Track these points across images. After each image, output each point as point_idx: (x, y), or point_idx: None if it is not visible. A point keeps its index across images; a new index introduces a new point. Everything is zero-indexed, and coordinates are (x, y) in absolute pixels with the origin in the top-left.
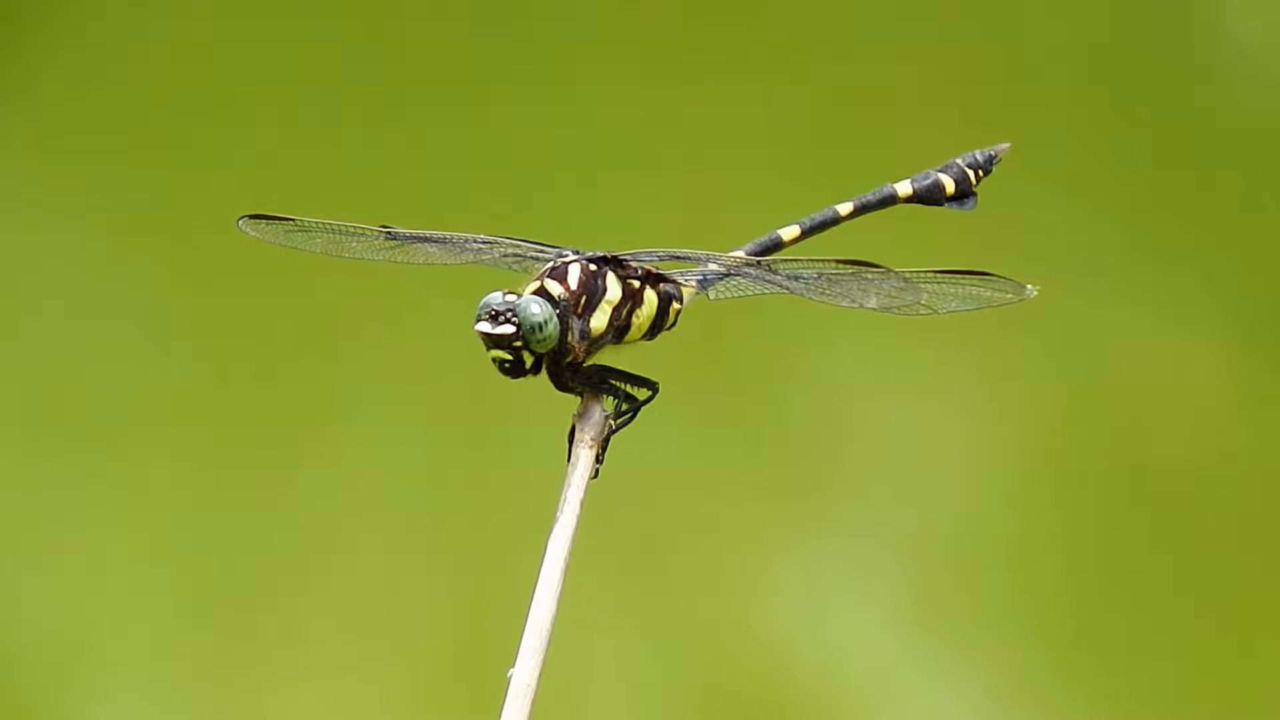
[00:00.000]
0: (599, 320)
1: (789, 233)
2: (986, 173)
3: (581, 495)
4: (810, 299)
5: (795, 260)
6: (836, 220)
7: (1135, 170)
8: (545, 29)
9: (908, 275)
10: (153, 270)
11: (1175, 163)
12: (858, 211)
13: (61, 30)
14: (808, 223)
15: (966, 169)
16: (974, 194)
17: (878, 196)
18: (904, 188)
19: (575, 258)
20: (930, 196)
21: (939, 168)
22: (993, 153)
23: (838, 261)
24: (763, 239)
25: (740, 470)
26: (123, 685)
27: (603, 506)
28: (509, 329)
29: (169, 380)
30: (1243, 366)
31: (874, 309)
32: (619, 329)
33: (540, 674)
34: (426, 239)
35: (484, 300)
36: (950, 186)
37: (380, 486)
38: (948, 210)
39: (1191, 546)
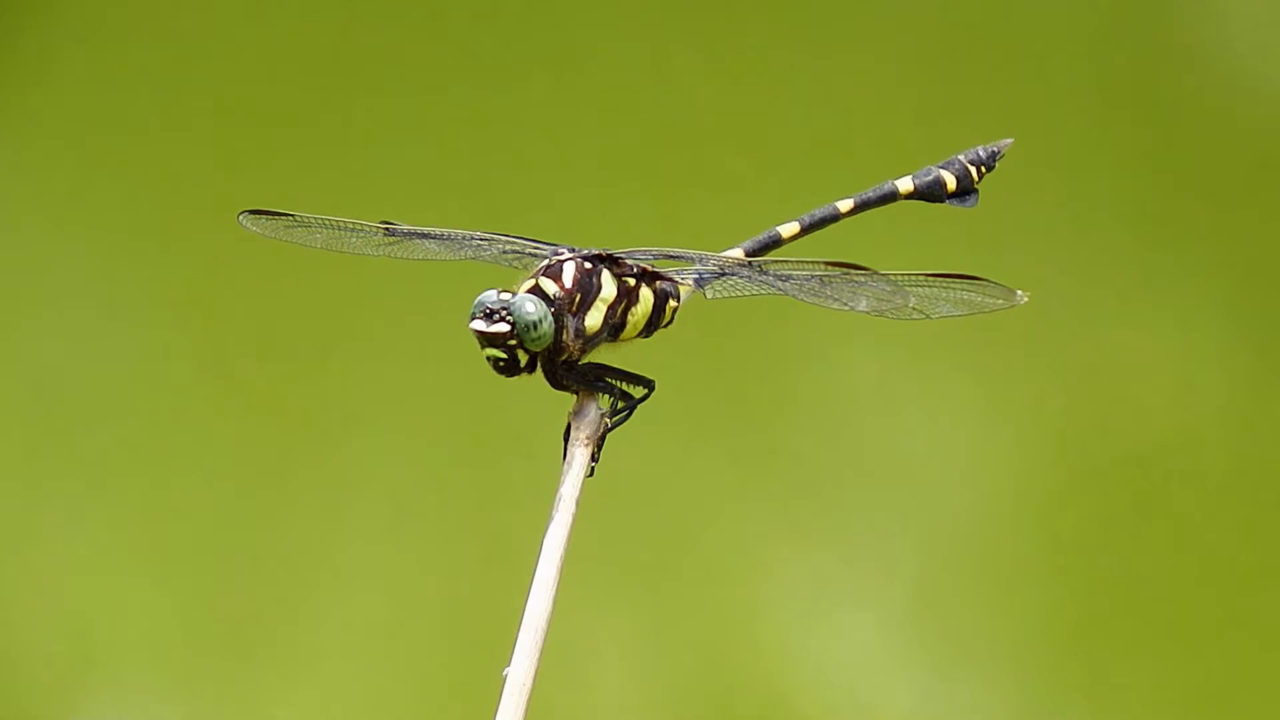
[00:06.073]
0: (594, 318)
1: (788, 229)
2: (989, 169)
3: (577, 494)
4: (802, 300)
5: (785, 261)
6: (836, 217)
7: (1139, 167)
8: (544, 26)
9: (895, 278)
10: (152, 266)
11: (1178, 160)
12: (858, 208)
13: (61, 25)
14: (807, 219)
15: (969, 165)
16: (976, 191)
17: (878, 193)
18: (905, 184)
19: (570, 255)
20: (931, 193)
21: (941, 164)
22: (996, 149)
23: (826, 263)
24: (761, 236)
25: (739, 471)
26: (124, 685)
27: (598, 505)
28: (503, 327)
29: (169, 378)
30: (1248, 366)
31: (864, 312)
32: (614, 327)
33: (536, 673)
34: (425, 235)
35: (478, 298)
36: (952, 183)
37: (377, 485)
38: (949, 207)
39: (1197, 549)
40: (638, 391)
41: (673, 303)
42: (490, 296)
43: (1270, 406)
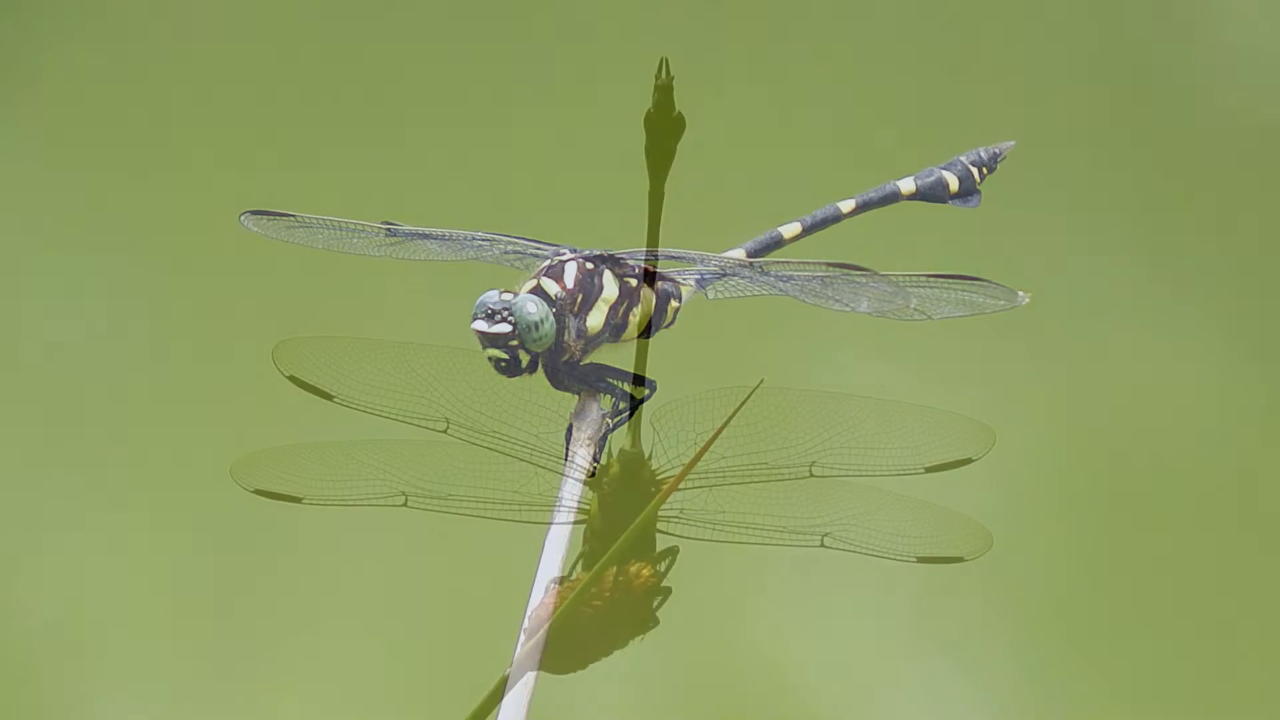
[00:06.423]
0: (595, 319)
1: (790, 230)
2: (991, 170)
3: (578, 495)
4: (803, 301)
5: (787, 261)
6: (838, 217)
7: (1141, 168)
8: (547, 26)
9: (897, 279)
10: (153, 264)
11: (1180, 160)
12: (860, 209)
13: (63, 23)
14: (809, 220)
15: (971, 166)
16: (978, 191)
17: (880, 194)
18: (907, 185)
19: (572, 256)
20: (933, 194)
21: (943, 165)
22: (998, 150)
23: (827, 264)
24: (763, 236)
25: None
26: (123, 686)
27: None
28: (505, 328)
29: (169, 377)
30: (1252, 366)
31: (866, 313)
32: (616, 328)
33: (537, 674)
34: (427, 235)
35: (480, 299)
36: (954, 184)
37: (377, 483)
38: (951, 208)
39: (1199, 550)
40: (640, 392)
41: (674, 303)
42: (492, 297)
43: (1276, 407)
